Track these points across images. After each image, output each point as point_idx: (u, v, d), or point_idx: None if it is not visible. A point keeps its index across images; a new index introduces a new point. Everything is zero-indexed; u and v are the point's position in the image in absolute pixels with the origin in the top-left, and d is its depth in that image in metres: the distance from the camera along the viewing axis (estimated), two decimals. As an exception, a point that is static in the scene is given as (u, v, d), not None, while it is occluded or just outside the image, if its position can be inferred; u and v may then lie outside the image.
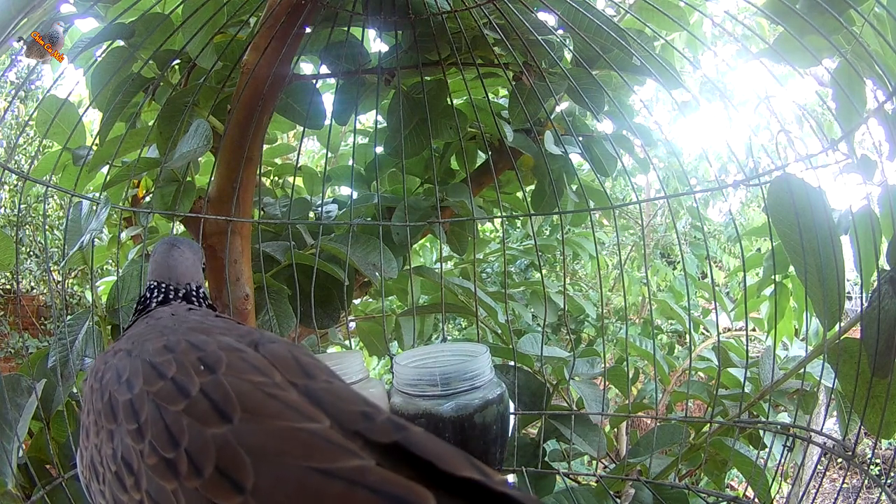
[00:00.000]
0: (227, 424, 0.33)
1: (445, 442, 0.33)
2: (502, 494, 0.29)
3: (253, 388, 0.36)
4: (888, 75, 0.67)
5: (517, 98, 0.96)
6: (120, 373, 0.41)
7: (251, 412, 0.34)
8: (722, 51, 2.77)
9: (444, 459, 0.30)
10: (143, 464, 0.35)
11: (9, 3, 0.53)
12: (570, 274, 2.62)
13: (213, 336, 0.42)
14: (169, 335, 0.43)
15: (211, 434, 0.33)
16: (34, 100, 3.65)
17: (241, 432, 0.33)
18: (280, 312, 0.92)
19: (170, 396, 0.36)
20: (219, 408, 0.35)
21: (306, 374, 0.39)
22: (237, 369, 0.38)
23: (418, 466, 0.31)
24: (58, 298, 0.92)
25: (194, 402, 0.35)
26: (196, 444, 0.33)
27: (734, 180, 0.86)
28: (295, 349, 0.42)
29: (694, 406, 2.62)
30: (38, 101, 1.34)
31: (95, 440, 0.40)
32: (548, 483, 0.86)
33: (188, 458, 0.33)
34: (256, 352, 0.41)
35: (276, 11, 0.84)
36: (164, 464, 0.34)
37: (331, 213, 1.14)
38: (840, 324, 0.75)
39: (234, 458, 0.32)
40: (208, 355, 0.39)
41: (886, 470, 2.03)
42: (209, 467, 0.32)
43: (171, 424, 0.35)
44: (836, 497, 0.73)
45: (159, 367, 0.39)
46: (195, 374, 0.37)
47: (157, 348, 0.41)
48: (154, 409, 0.36)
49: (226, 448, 0.32)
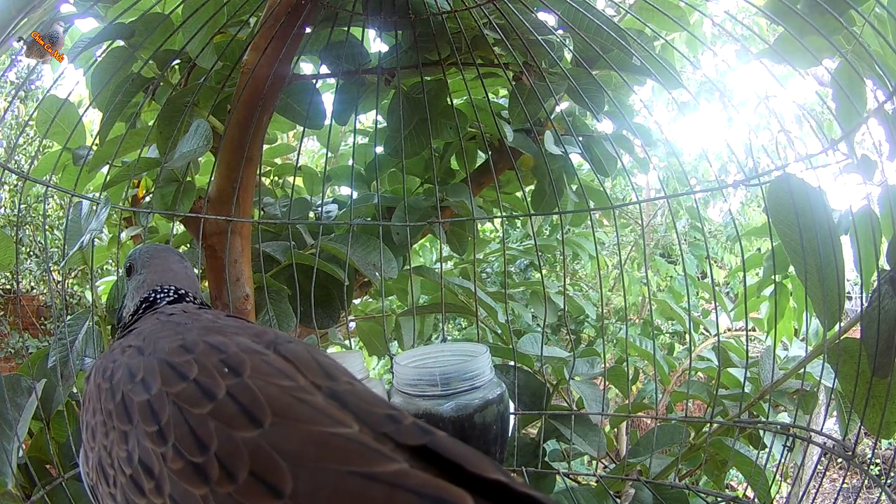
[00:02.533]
0: (257, 429, 0.33)
1: (469, 446, 0.33)
2: (527, 495, 0.30)
3: (281, 392, 0.35)
4: (888, 75, 0.67)
5: (517, 98, 0.96)
6: (133, 372, 0.40)
7: (282, 416, 0.34)
8: (722, 51, 2.77)
9: (472, 462, 0.31)
10: (166, 468, 0.34)
11: (9, 3, 0.53)
12: (570, 274, 2.62)
13: (229, 337, 0.41)
14: (185, 334, 0.42)
15: (241, 438, 0.33)
16: (34, 100, 3.64)
17: (274, 437, 0.33)
18: (280, 312, 0.92)
19: (193, 398, 0.36)
20: (248, 411, 0.34)
21: (328, 376, 0.38)
22: (262, 372, 0.37)
23: (445, 469, 0.32)
24: (58, 298, 0.92)
25: (221, 405, 0.35)
26: (227, 449, 0.33)
27: (734, 180, 0.86)
28: (313, 349, 0.42)
29: (694, 406, 2.62)
30: (38, 101, 1.34)
31: (104, 441, 0.39)
32: (548, 483, 0.86)
33: (219, 462, 0.33)
34: (277, 353, 0.40)
35: (276, 11, 0.84)
36: (191, 468, 0.33)
37: (331, 213, 1.14)
38: (840, 324, 0.75)
39: (269, 463, 0.32)
40: (230, 357, 0.38)
41: (886, 470, 2.03)
42: (243, 472, 0.32)
43: (197, 427, 0.34)
44: (836, 497, 0.73)
45: (179, 367, 0.38)
46: (220, 377, 0.37)
47: (173, 348, 0.40)
48: (176, 411, 0.36)
49: (259, 453, 0.32)
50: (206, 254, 0.92)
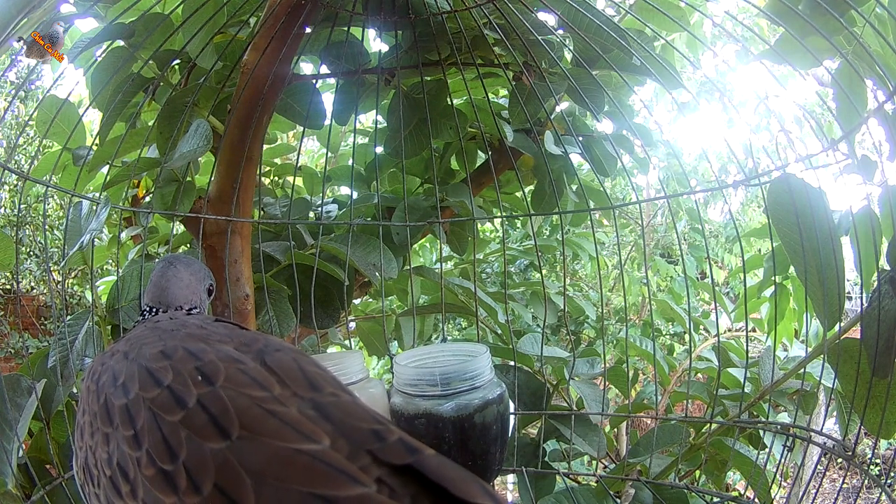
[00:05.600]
0: (225, 441, 0.33)
1: (457, 465, 0.33)
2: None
3: (251, 404, 0.35)
4: (888, 75, 0.67)
5: (517, 98, 0.96)
6: (116, 376, 0.40)
7: (249, 429, 0.34)
8: (722, 51, 2.77)
9: (458, 486, 0.31)
10: (141, 473, 0.34)
11: (9, 3, 0.53)
12: (570, 274, 2.62)
13: (211, 344, 0.41)
14: (167, 340, 0.42)
15: (209, 450, 0.33)
16: (34, 100, 3.65)
17: (241, 450, 0.33)
18: (280, 312, 0.92)
19: (166, 405, 0.36)
20: (217, 422, 0.34)
21: (312, 387, 0.38)
22: (236, 382, 0.37)
23: (430, 487, 0.31)
24: (58, 298, 0.92)
25: (191, 414, 0.35)
26: (194, 459, 0.33)
27: (734, 180, 0.86)
28: (301, 358, 0.41)
29: (694, 406, 2.62)
30: (38, 101, 1.35)
31: (90, 441, 0.40)
32: (548, 483, 0.86)
33: (187, 472, 0.33)
34: (262, 361, 0.40)
35: (276, 11, 0.84)
36: (162, 476, 0.33)
37: (331, 213, 1.14)
38: (840, 324, 0.75)
39: (234, 478, 0.32)
40: (205, 365, 0.38)
41: (886, 470, 2.03)
42: (208, 485, 0.32)
43: (169, 435, 0.34)
44: (836, 497, 0.73)
45: (155, 373, 0.38)
46: (192, 385, 0.36)
47: (153, 353, 0.40)
48: (151, 417, 0.36)
49: (225, 466, 0.32)
50: (206, 254, 0.92)
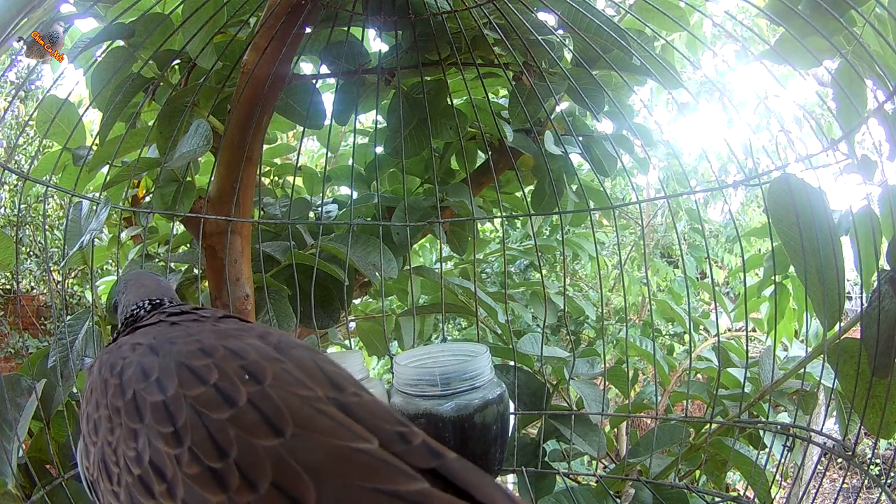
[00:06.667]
0: (278, 438, 0.33)
1: (479, 469, 0.33)
2: None
3: (301, 403, 0.35)
4: (888, 75, 0.67)
5: (517, 98, 0.96)
6: (146, 371, 0.39)
7: (303, 427, 0.33)
8: (722, 51, 2.77)
9: (482, 491, 0.31)
10: (181, 471, 0.34)
11: (9, 3, 0.53)
12: (570, 274, 2.62)
13: (245, 342, 0.41)
14: (200, 337, 0.41)
15: (262, 447, 0.32)
16: (34, 100, 3.65)
17: (296, 448, 0.32)
18: (280, 312, 0.92)
19: (212, 403, 0.35)
20: (269, 421, 0.33)
21: (334, 386, 0.37)
22: (283, 381, 0.36)
23: (453, 490, 0.31)
24: (58, 298, 0.92)
25: (241, 412, 0.34)
26: (248, 457, 0.32)
27: (734, 180, 0.86)
28: (316, 355, 0.41)
29: (694, 406, 2.62)
30: (38, 101, 1.34)
31: (109, 437, 0.39)
32: (548, 483, 0.86)
33: (239, 470, 0.32)
34: (289, 360, 0.39)
35: (276, 11, 0.84)
36: (208, 474, 0.32)
37: (331, 213, 1.14)
38: (840, 324, 0.75)
39: (292, 475, 0.31)
40: (250, 364, 0.38)
41: (886, 470, 2.03)
42: (265, 482, 0.31)
43: (216, 433, 0.34)
44: (836, 497, 0.73)
45: (198, 371, 0.37)
46: (240, 383, 0.36)
47: (191, 351, 0.39)
48: (194, 414, 0.35)
49: (282, 464, 0.32)
50: (206, 254, 0.92)
